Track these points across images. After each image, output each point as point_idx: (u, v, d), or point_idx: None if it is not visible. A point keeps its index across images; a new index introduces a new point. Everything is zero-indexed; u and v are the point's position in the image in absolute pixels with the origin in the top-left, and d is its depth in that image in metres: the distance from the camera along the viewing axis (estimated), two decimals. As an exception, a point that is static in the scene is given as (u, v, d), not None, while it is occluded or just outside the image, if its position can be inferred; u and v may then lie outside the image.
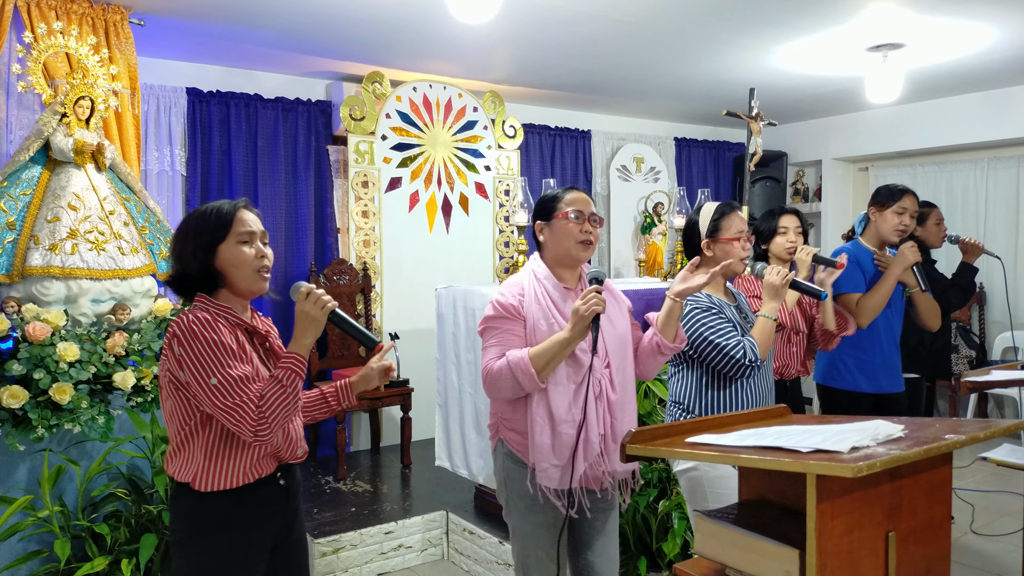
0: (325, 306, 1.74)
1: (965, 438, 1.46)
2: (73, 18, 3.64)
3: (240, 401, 1.65)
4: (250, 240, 1.79)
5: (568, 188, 2.24)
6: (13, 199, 3.30)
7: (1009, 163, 6.12)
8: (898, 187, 3.24)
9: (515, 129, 5.94)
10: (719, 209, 2.49)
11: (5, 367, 2.96)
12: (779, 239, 3.12)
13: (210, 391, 1.65)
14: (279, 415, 1.67)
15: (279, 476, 1.85)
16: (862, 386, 3.18)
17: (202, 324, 1.69)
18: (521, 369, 2.00)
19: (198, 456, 1.75)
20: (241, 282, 1.79)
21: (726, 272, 2.49)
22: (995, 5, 3.91)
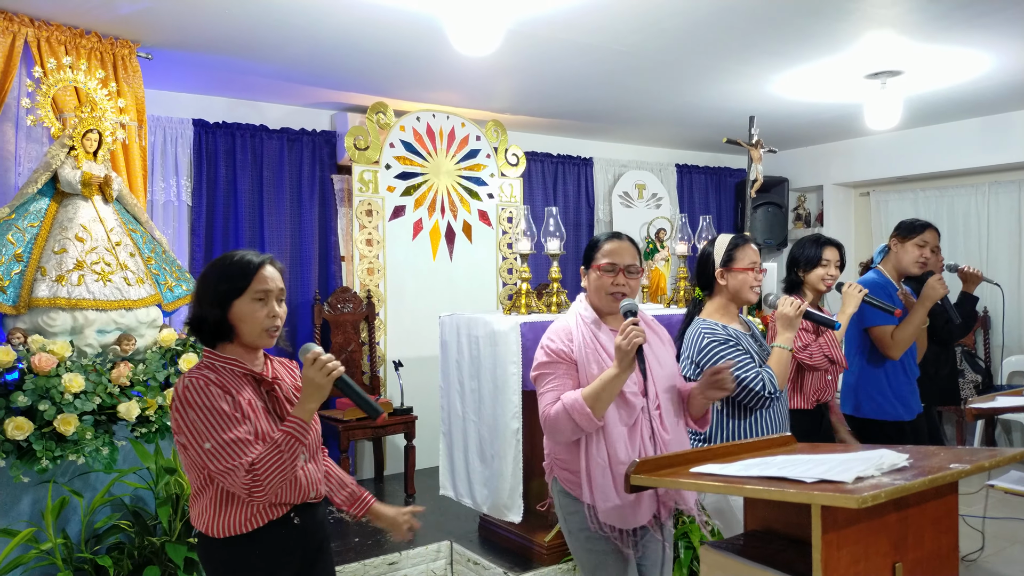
0: (330, 373, 1.75)
1: (970, 467, 1.46)
2: (82, 52, 3.70)
3: (232, 465, 1.69)
4: (265, 298, 1.82)
5: (610, 236, 2.25)
6: (21, 231, 3.33)
7: (1010, 187, 6.14)
8: (920, 221, 3.32)
9: (518, 157, 5.99)
10: (734, 241, 2.55)
11: (11, 399, 2.96)
12: (820, 270, 3.08)
13: (205, 455, 1.71)
14: (274, 478, 1.71)
15: (293, 516, 1.87)
16: (902, 415, 3.23)
17: (195, 390, 1.73)
18: (576, 410, 2.03)
19: (208, 506, 1.81)
20: (248, 337, 1.83)
21: (738, 301, 2.53)
22: (991, 32, 3.96)
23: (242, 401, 1.78)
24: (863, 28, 3.88)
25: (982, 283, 3.66)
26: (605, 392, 2.03)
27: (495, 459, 3.58)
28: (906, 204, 6.78)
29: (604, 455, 2.09)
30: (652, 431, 2.13)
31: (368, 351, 5.31)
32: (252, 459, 1.70)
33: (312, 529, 1.92)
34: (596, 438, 2.10)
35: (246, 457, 1.70)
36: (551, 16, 3.66)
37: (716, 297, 2.57)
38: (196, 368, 1.81)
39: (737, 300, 2.54)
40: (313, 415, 1.79)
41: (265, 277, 1.83)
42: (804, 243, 3.19)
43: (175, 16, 3.65)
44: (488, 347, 3.61)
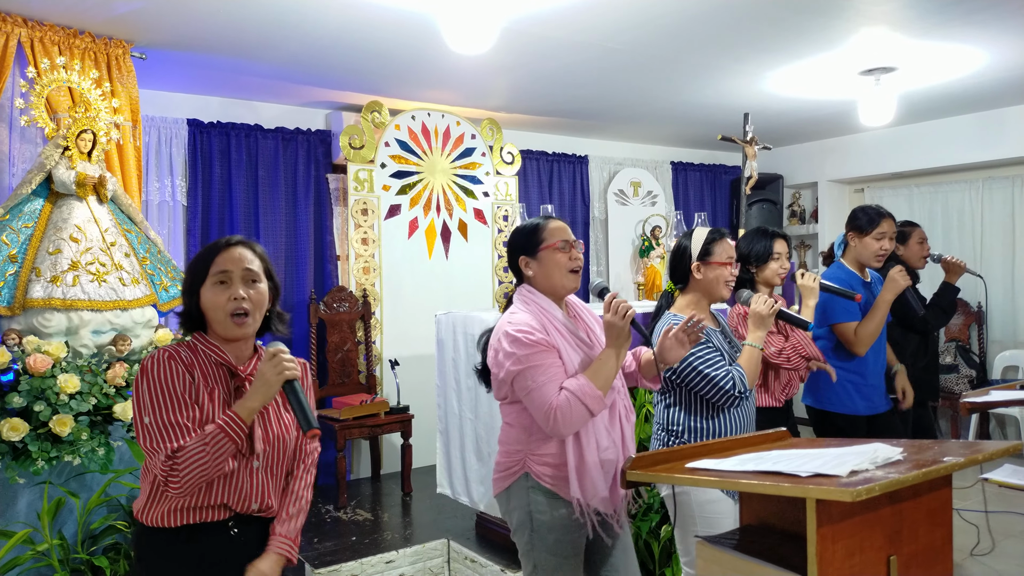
0: (283, 372, 1.68)
1: (963, 460, 1.46)
2: (76, 53, 3.69)
3: (158, 446, 1.62)
4: (227, 281, 1.73)
5: (547, 217, 2.23)
6: (15, 232, 3.33)
7: (1004, 183, 6.16)
8: (874, 210, 3.22)
9: (513, 155, 5.99)
10: (711, 235, 2.51)
11: (6, 400, 2.96)
12: (773, 264, 2.99)
13: (142, 428, 1.64)
14: (194, 472, 1.61)
15: (231, 525, 1.75)
16: (860, 409, 3.18)
17: (157, 363, 1.67)
18: (588, 394, 1.99)
19: (145, 489, 1.74)
20: (217, 325, 1.74)
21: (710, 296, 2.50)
22: (985, 29, 3.97)
23: (204, 388, 1.70)
24: (857, 24, 3.89)
25: (967, 275, 3.66)
26: (606, 370, 2.03)
27: (492, 457, 3.58)
28: (900, 200, 6.80)
29: (593, 443, 2.08)
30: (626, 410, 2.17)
31: (364, 350, 5.31)
32: (177, 446, 1.60)
33: (253, 545, 1.79)
34: (586, 430, 2.08)
35: (175, 443, 1.60)
36: (545, 14, 3.66)
37: (689, 291, 2.52)
38: (175, 344, 1.75)
39: (710, 295, 2.49)
40: (254, 414, 1.68)
41: (227, 258, 1.73)
42: (752, 237, 3.06)
43: (169, 16, 3.64)
44: (484, 345, 3.61)
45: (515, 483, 2.17)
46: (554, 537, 2.12)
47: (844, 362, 3.20)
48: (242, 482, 1.74)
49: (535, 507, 2.13)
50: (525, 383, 2.05)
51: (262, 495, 1.78)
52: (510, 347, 2.06)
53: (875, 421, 3.23)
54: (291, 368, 1.69)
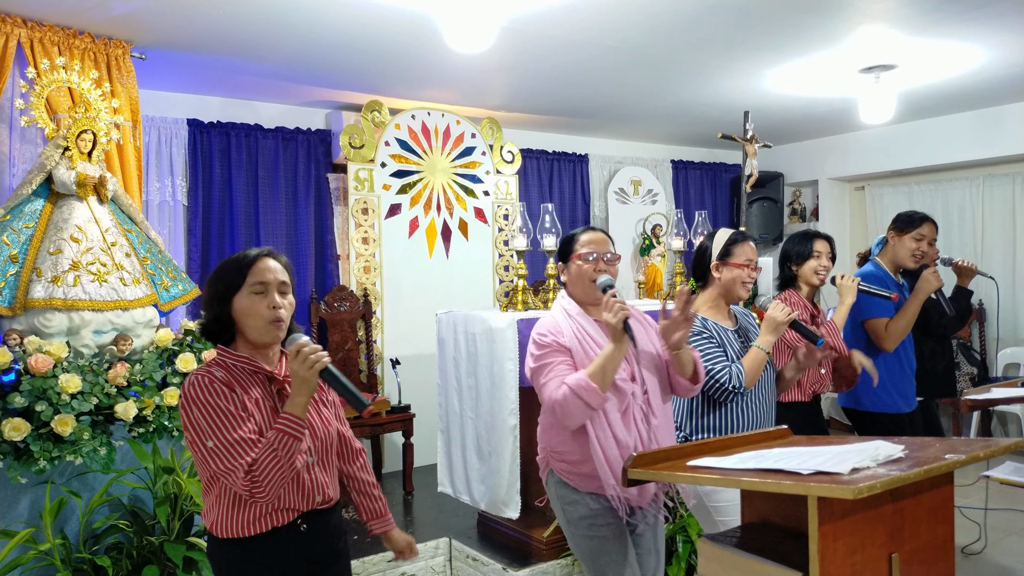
0: (313, 365, 1.71)
1: (965, 458, 1.47)
2: (76, 53, 3.69)
3: (232, 465, 1.67)
4: (264, 291, 1.78)
5: (585, 228, 2.33)
6: (16, 232, 3.33)
7: (1004, 180, 6.16)
8: (918, 214, 3.36)
9: (513, 154, 5.99)
10: (733, 236, 2.59)
11: (7, 400, 2.96)
12: (812, 263, 3.11)
13: (207, 453, 1.69)
14: (274, 478, 1.67)
15: (300, 523, 1.83)
16: (901, 407, 3.25)
17: (201, 387, 1.72)
18: (583, 387, 2.06)
19: (215, 505, 1.79)
20: (252, 332, 1.79)
21: (728, 296, 2.57)
22: (984, 26, 3.97)
23: (248, 400, 1.76)
24: (856, 23, 3.89)
25: (977, 276, 3.67)
26: (607, 365, 2.07)
27: (493, 456, 3.59)
28: (900, 198, 6.80)
29: (611, 437, 2.13)
30: (644, 414, 2.18)
31: (365, 349, 5.31)
32: (251, 459, 1.67)
33: (322, 536, 1.87)
34: (600, 423, 2.13)
35: (247, 457, 1.67)
36: (545, 13, 3.66)
37: (708, 290, 2.61)
38: (205, 365, 1.79)
39: (728, 295, 2.58)
40: (306, 409, 1.74)
41: (262, 269, 1.79)
42: (794, 238, 3.22)
43: (169, 16, 3.64)
44: (485, 344, 3.61)
45: (548, 478, 2.32)
46: (587, 523, 2.21)
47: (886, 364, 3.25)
48: (303, 481, 1.81)
49: (563, 500, 2.27)
50: (537, 380, 2.20)
51: (322, 488, 1.85)
52: (532, 348, 2.23)
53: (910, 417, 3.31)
54: (319, 358, 1.72)
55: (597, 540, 2.21)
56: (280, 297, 1.81)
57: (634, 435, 2.16)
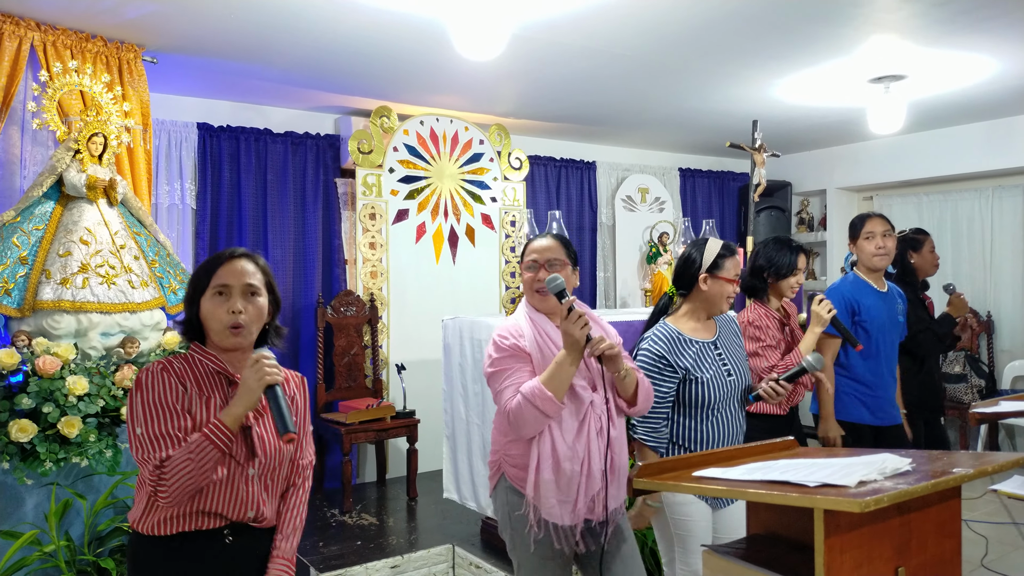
0: (262, 378, 1.68)
1: (973, 472, 1.45)
2: (88, 56, 3.72)
3: (147, 457, 1.64)
4: (225, 293, 1.75)
5: (539, 235, 2.31)
6: (26, 234, 3.35)
7: (1014, 191, 6.14)
8: (860, 216, 3.33)
9: (521, 161, 6.00)
10: (723, 249, 2.50)
11: (15, 401, 2.97)
12: (792, 279, 3.03)
13: (134, 439, 1.67)
14: (181, 481, 1.61)
15: (226, 532, 1.75)
16: (864, 418, 3.19)
17: (150, 375, 1.70)
18: (538, 396, 2.03)
19: (140, 498, 1.75)
20: (213, 335, 1.77)
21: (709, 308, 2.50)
22: (995, 37, 3.96)
23: (199, 398, 1.72)
24: (867, 32, 3.88)
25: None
26: (561, 374, 2.04)
27: (498, 463, 3.58)
28: (909, 208, 6.78)
29: (549, 449, 2.10)
30: (602, 426, 2.13)
31: (371, 354, 5.31)
32: (164, 456, 1.62)
33: (248, 555, 1.78)
34: (545, 432, 2.10)
35: (161, 453, 1.62)
36: (554, 21, 3.67)
37: (690, 300, 2.52)
38: (168, 356, 1.78)
39: (710, 308, 2.49)
40: (239, 421, 1.68)
41: (228, 271, 1.76)
42: (774, 248, 3.06)
43: (180, 20, 3.67)
44: (491, 350, 3.61)
45: (498, 483, 2.26)
46: (532, 536, 2.14)
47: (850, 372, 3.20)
48: (238, 490, 1.74)
49: (511, 507, 2.20)
50: (493, 386, 2.18)
51: (257, 504, 1.77)
52: (490, 350, 2.20)
53: (883, 433, 3.22)
54: (272, 374, 1.70)
55: (537, 558, 2.16)
56: (244, 301, 1.76)
57: (584, 446, 2.10)
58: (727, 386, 2.44)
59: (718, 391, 2.41)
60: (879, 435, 3.21)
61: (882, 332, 3.26)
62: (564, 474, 2.10)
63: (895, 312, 3.34)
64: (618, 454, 2.16)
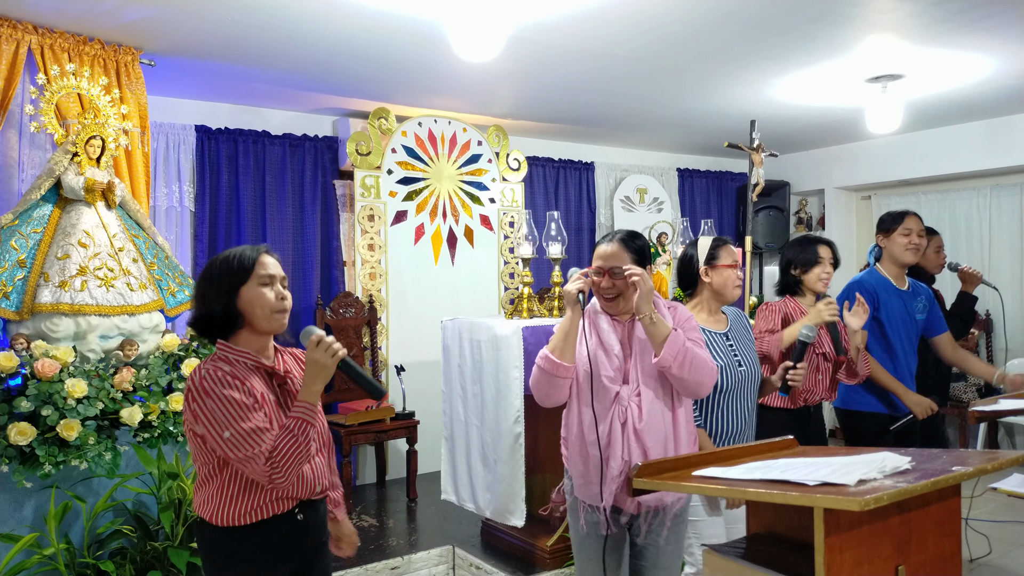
0: (335, 354, 1.80)
1: (972, 470, 1.46)
2: (85, 59, 3.71)
3: (253, 453, 1.72)
4: (270, 283, 1.87)
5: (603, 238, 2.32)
6: (24, 237, 3.35)
7: (1012, 190, 6.14)
8: (898, 211, 3.35)
9: (519, 162, 6.00)
10: (715, 241, 2.64)
11: (14, 404, 2.97)
12: (817, 269, 3.08)
13: (224, 444, 1.73)
14: (292, 463, 1.75)
15: (297, 512, 1.89)
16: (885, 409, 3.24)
17: (212, 380, 1.76)
18: (542, 358, 2.17)
19: (216, 494, 1.82)
20: (261, 321, 1.85)
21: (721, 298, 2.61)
22: (992, 36, 3.96)
23: (255, 391, 1.81)
24: (864, 32, 3.89)
25: (981, 285, 3.66)
26: (561, 334, 2.16)
27: (498, 463, 3.58)
28: (908, 207, 6.74)
29: (579, 430, 2.20)
30: (627, 418, 2.14)
31: (370, 356, 5.31)
32: (270, 446, 1.73)
33: (313, 526, 1.94)
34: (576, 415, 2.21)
35: (265, 445, 1.73)
36: (553, 22, 3.67)
37: (698, 295, 2.65)
38: (210, 359, 1.83)
39: (720, 298, 2.61)
40: (319, 396, 1.82)
41: (266, 263, 1.88)
42: (797, 243, 3.18)
43: (178, 23, 3.67)
44: (490, 351, 3.61)
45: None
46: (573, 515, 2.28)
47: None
48: (306, 470, 1.87)
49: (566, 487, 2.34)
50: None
51: (320, 478, 1.93)
52: None
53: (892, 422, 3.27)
54: (340, 349, 1.81)
55: (576, 534, 2.27)
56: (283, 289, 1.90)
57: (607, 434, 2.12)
58: (738, 376, 2.51)
59: (728, 380, 2.49)
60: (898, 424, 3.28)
61: (897, 330, 3.30)
62: (587, 456, 2.17)
63: (913, 310, 3.36)
64: (650, 448, 2.13)
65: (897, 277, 3.35)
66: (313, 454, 1.86)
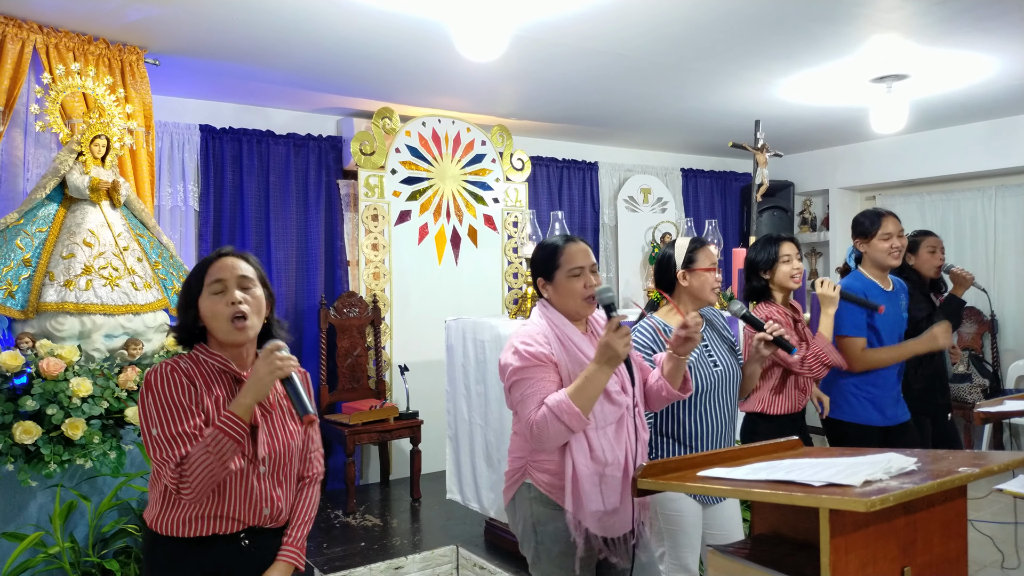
0: (274, 370, 1.68)
1: (979, 471, 1.45)
2: (90, 59, 3.72)
3: (167, 456, 1.65)
4: (223, 289, 1.75)
5: (566, 239, 2.17)
6: (29, 236, 3.35)
7: (1016, 191, 6.12)
8: (873, 212, 3.24)
9: (523, 162, 6.00)
10: (692, 243, 2.53)
11: (19, 403, 2.97)
12: (783, 267, 3.02)
13: (150, 441, 1.67)
14: (202, 476, 1.63)
15: (243, 537, 1.76)
16: (873, 419, 3.16)
17: (160, 376, 1.70)
18: (564, 411, 1.94)
19: (158, 498, 1.75)
20: (218, 333, 1.76)
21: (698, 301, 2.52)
22: (997, 36, 3.95)
23: (207, 397, 1.73)
24: (868, 32, 3.88)
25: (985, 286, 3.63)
26: (591, 388, 1.95)
27: (502, 463, 3.58)
28: (912, 208, 6.76)
29: (588, 456, 2.03)
30: (635, 428, 2.09)
31: (374, 355, 5.32)
32: (184, 454, 1.64)
33: (266, 557, 1.80)
34: (579, 440, 2.02)
35: (182, 451, 1.64)
36: (556, 22, 3.67)
37: (675, 297, 2.55)
38: (174, 356, 1.78)
39: (697, 300, 2.53)
40: (250, 411, 1.68)
41: (220, 267, 1.76)
42: (757, 245, 3.11)
43: (182, 23, 3.67)
44: (494, 351, 3.61)
45: (518, 492, 2.16)
46: (558, 549, 2.08)
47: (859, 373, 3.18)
48: (251, 490, 1.75)
49: (537, 517, 2.11)
50: (517, 394, 2.06)
51: (272, 502, 1.78)
52: (512, 358, 2.07)
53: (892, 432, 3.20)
54: (285, 364, 1.70)
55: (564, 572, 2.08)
56: (241, 292, 1.76)
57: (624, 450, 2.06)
58: (713, 376, 2.45)
59: (704, 381, 2.42)
60: (887, 435, 3.20)
61: (890, 331, 3.25)
62: (608, 482, 2.03)
63: (900, 309, 3.33)
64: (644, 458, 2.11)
65: (881, 279, 3.27)
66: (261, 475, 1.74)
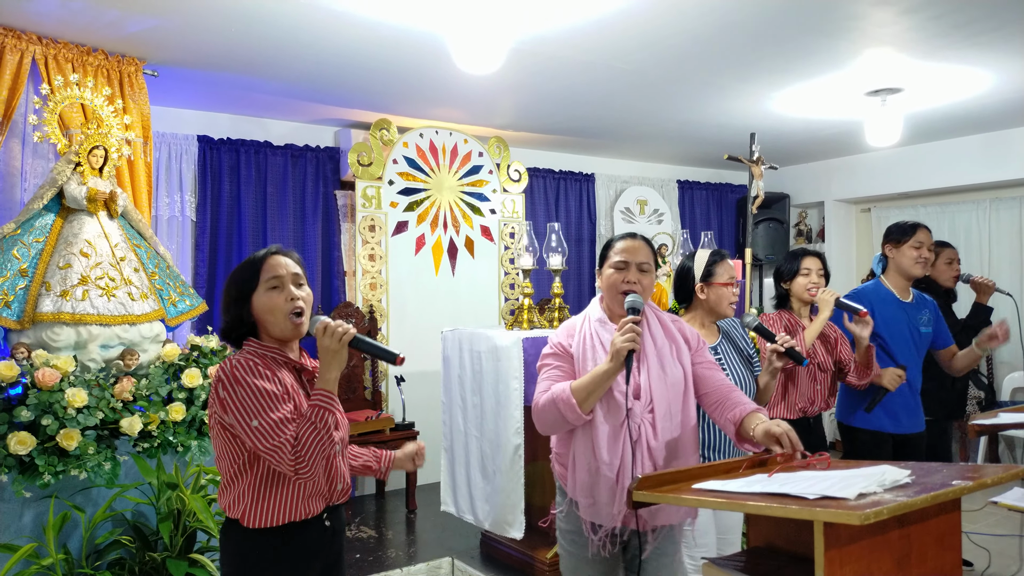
0: (342, 338, 1.76)
1: (972, 484, 1.46)
2: (89, 70, 3.73)
3: (279, 443, 1.69)
4: (280, 285, 1.82)
5: (625, 235, 2.26)
6: (26, 246, 3.35)
7: (1011, 204, 6.16)
8: (909, 223, 3.35)
9: (520, 173, 6.02)
10: (712, 256, 2.61)
11: (14, 413, 2.96)
12: (801, 279, 3.15)
13: (252, 433, 1.70)
14: (315, 452, 1.71)
15: (325, 517, 1.87)
16: (886, 426, 3.22)
17: (243, 369, 1.74)
18: (563, 400, 2.03)
19: (246, 493, 1.79)
20: (275, 328, 1.82)
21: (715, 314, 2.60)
22: (990, 50, 3.99)
23: (285, 382, 1.79)
24: (863, 46, 3.91)
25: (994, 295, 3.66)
26: (594, 385, 2.02)
27: (497, 475, 3.58)
28: (907, 220, 6.77)
29: (589, 450, 2.09)
30: (640, 435, 2.07)
31: (370, 366, 5.31)
32: (295, 435, 1.70)
33: (338, 532, 1.93)
34: (583, 433, 2.10)
35: (291, 435, 1.70)
36: (553, 34, 3.69)
37: (693, 310, 2.64)
38: (240, 352, 1.82)
39: (714, 313, 2.59)
40: (337, 384, 1.78)
41: (273, 265, 1.84)
42: (786, 256, 3.28)
43: (181, 34, 3.69)
44: (490, 362, 3.61)
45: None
46: (569, 538, 2.19)
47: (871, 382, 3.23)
48: (332, 467, 1.85)
49: (558, 504, 2.25)
50: (539, 378, 2.20)
51: (343, 476, 1.91)
52: (547, 345, 2.24)
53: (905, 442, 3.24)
54: (347, 330, 1.78)
55: (573, 559, 2.19)
56: (296, 289, 1.84)
57: (619, 455, 2.05)
58: None
59: None
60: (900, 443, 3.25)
61: (898, 341, 3.28)
62: (599, 477, 2.08)
63: (916, 322, 3.34)
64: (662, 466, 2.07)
65: (902, 289, 3.33)
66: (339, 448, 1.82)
